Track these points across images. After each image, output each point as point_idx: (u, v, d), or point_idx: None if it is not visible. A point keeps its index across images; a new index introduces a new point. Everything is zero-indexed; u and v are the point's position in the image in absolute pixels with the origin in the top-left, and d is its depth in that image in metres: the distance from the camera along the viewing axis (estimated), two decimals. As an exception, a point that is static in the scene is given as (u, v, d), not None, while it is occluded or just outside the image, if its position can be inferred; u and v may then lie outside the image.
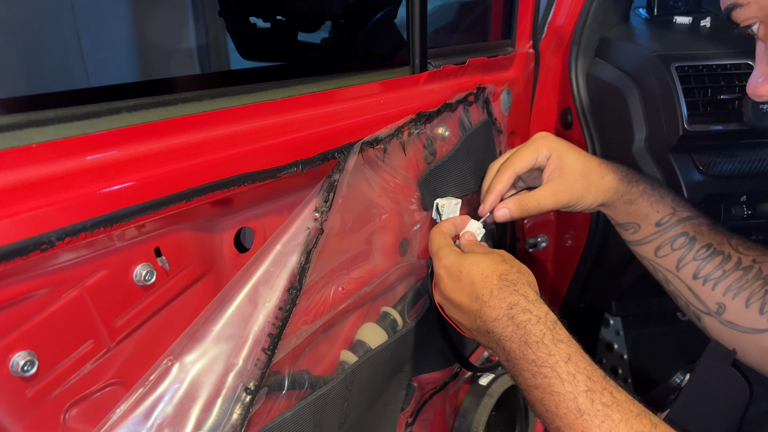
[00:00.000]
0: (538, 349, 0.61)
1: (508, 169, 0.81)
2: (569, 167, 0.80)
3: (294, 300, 0.62)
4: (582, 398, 0.57)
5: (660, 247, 0.83)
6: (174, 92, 0.56)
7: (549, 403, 0.59)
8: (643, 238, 0.85)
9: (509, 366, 0.64)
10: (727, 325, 0.78)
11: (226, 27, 1.13)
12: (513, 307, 0.63)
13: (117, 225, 0.46)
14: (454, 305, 0.69)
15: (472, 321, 0.67)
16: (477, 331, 0.68)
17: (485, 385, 1.05)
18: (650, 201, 0.83)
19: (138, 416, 0.53)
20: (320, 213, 0.65)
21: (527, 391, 0.62)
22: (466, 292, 0.67)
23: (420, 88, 0.84)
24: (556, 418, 0.58)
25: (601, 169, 0.82)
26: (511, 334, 0.63)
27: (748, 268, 0.77)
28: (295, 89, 0.67)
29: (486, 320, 0.65)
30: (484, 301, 0.65)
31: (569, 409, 0.57)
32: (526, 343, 0.61)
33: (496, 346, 0.65)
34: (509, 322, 0.63)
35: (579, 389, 0.58)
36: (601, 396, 0.58)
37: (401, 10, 0.85)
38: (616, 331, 1.32)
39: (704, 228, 0.81)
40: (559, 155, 0.80)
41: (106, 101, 0.50)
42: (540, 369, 0.60)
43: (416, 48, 0.83)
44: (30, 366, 0.45)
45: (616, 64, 1.12)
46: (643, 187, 0.83)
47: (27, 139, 0.44)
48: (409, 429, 0.97)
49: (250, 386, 0.59)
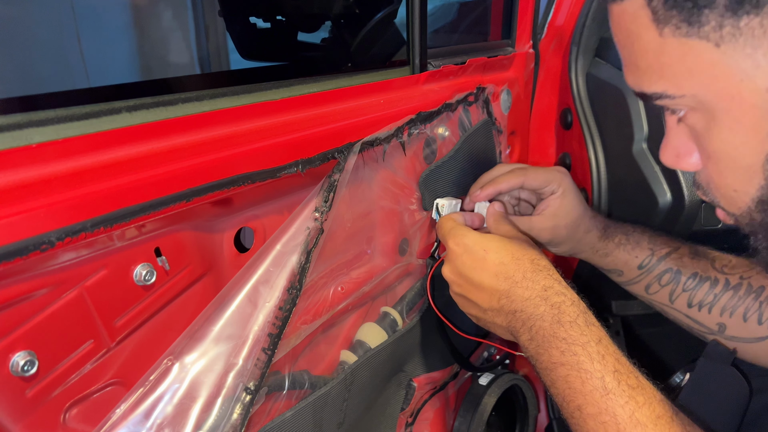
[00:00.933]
0: (571, 329, 0.62)
1: (520, 177, 0.82)
2: (565, 211, 0.82)
3: (294, 300, 0.62)
4: (609, 378, 0.58)
5: (649, 285, 0.86)
6: (174, 92, 0.56)
7: (575, 380, 0.60)
8: (629, 280, 0.87)
9: (533, 345, 0.64)
10: (731, 339, 0.80)
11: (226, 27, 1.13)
12: (547, 290, 0.65)
13: (117, 225, 0.46)
14: (472, 284, 0.69)
15: (494, 301, 0.68)
16: (496, 311, 0.68)
17: (485, 385, 1.05)
18: (626, 250, 0.85)
19: (138, 416, 0.53)
20: (320, 213, 0.65)
21: (551, 369, 0.62)
22: (493, 272, 0.68)
23: (420, 88, 0.84)
24: (579, 395, 0.59)
25: (589, 224, 0.84)
26: (543, 313, 0.64)
27: (737, 286, 0.79)
28: (295, 89, 0.67)
29: (515, 299, 0.66)
30: (516, 281, 0.66)
31: (595, 387, 0.58)
32: (558, 322, 0.63)
33: (521, 325, 0.65)
34: (542, 302, 0.64)
35: (607, 369, 0.59)
36: (628, 378, 0.59)
37: (401, 10, 0.85)
38: (616, 331, 1.32)
39: (686, 259, 0.83)
40: (564, 195, 0.82)
41: (106, 101, 0.50)
42: (570, 347, 0.61)
43: (416, 48, 0.83)
44: (30, 366, 0.45)
45: (616, 64, 1.12)
46: (618, 238, 0.85)
47: (27, 139, 0.44)
48: (409, 429, 0.97)
49: (250, 386, 0.59)
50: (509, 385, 1.07)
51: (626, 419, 0.57)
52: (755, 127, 0.46)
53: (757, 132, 0.46)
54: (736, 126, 0.47)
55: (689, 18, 0.45)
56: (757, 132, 0.46)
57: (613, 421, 0.57)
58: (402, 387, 0.92)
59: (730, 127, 0.47)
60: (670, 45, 0.47)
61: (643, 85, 0.51)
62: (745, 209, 0.51)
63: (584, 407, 0.59)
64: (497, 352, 1.15)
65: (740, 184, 0.50)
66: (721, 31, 0.44)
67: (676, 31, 0.46)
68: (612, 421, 0.57)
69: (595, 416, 0.58)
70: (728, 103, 0.46)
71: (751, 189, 0.49)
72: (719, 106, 0.47)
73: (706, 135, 0.50)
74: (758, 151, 0.47)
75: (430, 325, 0.88)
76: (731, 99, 0.46)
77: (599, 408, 0.58)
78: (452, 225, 0.75)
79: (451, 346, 0.90)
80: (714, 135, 0.49)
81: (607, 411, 0.57)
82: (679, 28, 0.46)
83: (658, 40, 0.47)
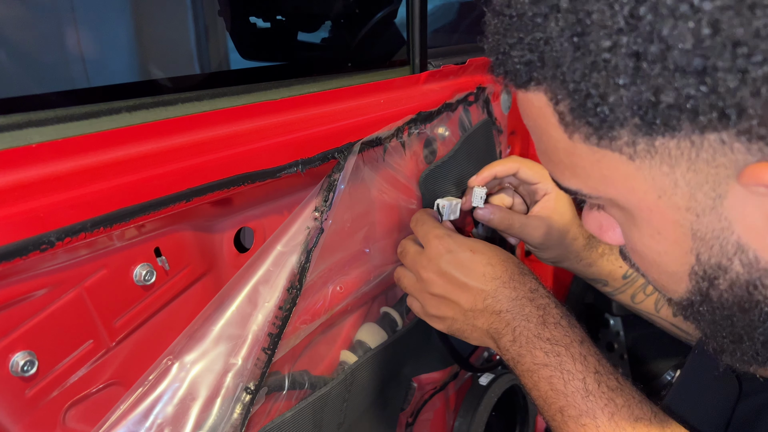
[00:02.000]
0: (555, 329, 0.63)
1: (515, 162, 0.81)
2: (556, 215, 0.81)
3: (294, 300, 0.62)
4: (590, 379, 0.59)
5: (634, 295, 0.85)
6: (174, 92, 0.56)
7: (557, 381, 0.60)
8: (615, 290, 0.86)
9: (515, 346, 0.64)
10: None
11: (226, 27, 1.13)
12: (534, 292, 0.66)
13: (117, 225, 0.46)
14: (456, 284, 0.68)
15: (478, 301, 0.67)
16: (479, 311, 0.67)
17: (485, 385, 1.05)
18: (609, 260, 0.84)
19: (138, 416, 0.53)
20: (320, 213, 0.65)
21: (534, 371, 0.62)
22: (480, 272, 0.67)
23: (420, 88, 0.84)
24: (562, 396, 0.60)
25: (576, 232, 0.83)
26: (529, 313, 0.64)
27: None
28: (295, 89, 0.67)
29: (501, 299, 0.66)
30: (504, 281, 0.66)
31: (577, 389, 0.59)
32: (543, 323, 0.63)
33: (505, 326, 0.65)
34: (529, 303, 0.65)
35: (589, 370, 0.60)
36: (608, 380, 0.59)
37: (401, 10, 0.85)
38: (616, 331, 1.32)
39: None
40: (557, 198, 0.81)
41: (106, 101, 0.50)
42: (554, 347, 0.61)
43: (416, 48, 0.83)
44: (30, 366, 0.45)
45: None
46: (602, 249, 0.84)
47: (27, 139, 0.44)
48: (409, 429, 0.97)
49: (250, 386, 0.59)
50: (509, 385, 1.07)
51: (605, 422, 0.57)
52: (678, 242, 0.43)
53: (680, 246, 0.43)
54: (658, 237, 0.44)
55: (599, 131, 0.40)
56: (680, 245, 0.43)
57: (593, 424, 0.57)
58: (402, 387, 0.92)
59: (651, 236, 0.44)
60: (581, 149, 0.42)
61: (556, 177, 0.47)
62: (678, 300, 0.48)
63: (566, 409, 0.59)
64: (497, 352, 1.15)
65: (668, 284, 0.47)
66: (634, 147, 0.39)
67: (586, 140, 0.41)
68: (592, 424, 0.57)
69: (576, 418, 0.58)
70: (648, 214, 0.43)
71: (679, 289, 0.47)
72: (639, 215, 0.44)
73: (628, 233, 0.47)
74: (682, 262, 0.44)
75: (430, 326, 0.88)
76: (650, 212, 0.43)
77: (580, 410, 0.58)
78: (433, 225, 0.72)
79: (450, 346, 0.90)
80: (636, 237, 0.46)
81: (587, 413, 0.58)
82: (589, 138, 0.41)
83: (568, 142, 0.42)
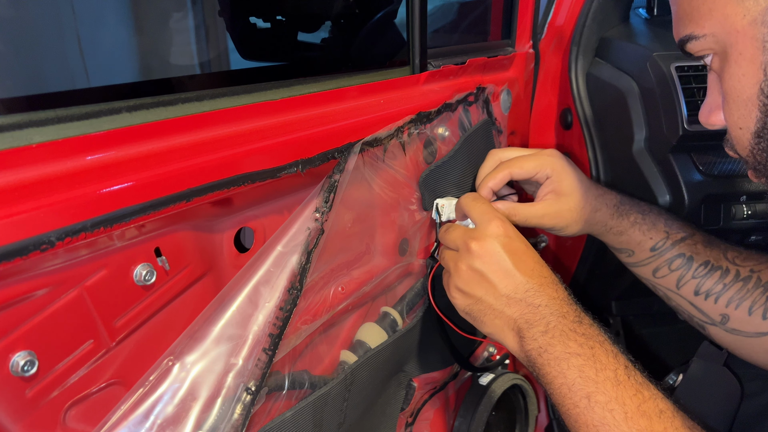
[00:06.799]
0: (590, 327, 0.67)
1: (506, 170, 0.81)
2: (564, 195, 0.81)
3: (294, 300, 0.62)
4: (621, 371, 0.63)
5: (658, 269, 0.85)
6: (174, 92, 0.56)
7: (589, 370, 0.64)
8: (639, 261, 0.86)
9: (546, 337, 0.67)
10: (731, 332, 0.80)
11: (226, 27, 1.13)
12: (570, 299, 0.70)
13: (117, 225, 0.46)
14: (504, 268, 0.69)
15: (519, 291, 0.69)
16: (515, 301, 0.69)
17: (485, 385, 1.05)
18: (642, 230, 0.84)
19: (138, 416, 0.53)
20: (320, 213, 0.65)
21: (564, 359, 0.65)
22: (530, 267, 0.70)
23: (420, 88, 0.84)
24: (591, 383, 0.63)
25: (596, 203, 0.83)
26: (566, 312, 0.68)
27: (747, 278, 0.79)
28: (295, 89, 0.67)
29: (542, 295, 0.68)
30: (549, 282, 0.70)
31: (608, 378, 0.63)
32: (579, 322, 0.67)
33: (540, 318, 0.68)
34: (566, 305, 0.69)
35: (620, 364, 0.64)
36: (635, 375, 0.64)
37: (401, 10, 0.85)
38: (616, 331, 1.32)
39: (700, 246, 0.83)
40: (559, 179, 0.81)
41: (106, 101, 0.50)
42: (588, 341, 0.65)
43: (416, 48, 0.83)
44: (30, 366, 0.45)
45: (616, 64, 1.12)
46: (634, 217, 0.84)
47: (27, 139, 0.44)
48: (409, 429, 0.97)
49: (250, 386, 0.59)
50: (509, 385, 1.07)
51: (634, 409, 0.60)
52: (753, 59, 0.54)
53: (754, 62, 0.54)
54: (740, 58, 0.55)
55: None
56: (753, 62, 0.54)
57: (621, 410, 0.61)
58: (402, 387, 0.92)
59: (736, 60, 0.55)
60: None
61: (679, 32, 0.59)
62: (749, 147, 0.57)
63: (594, 395, 0.62)
64: (497, 352, 1.15)
65: (743, 119, 0.56)
66: None
67: None
68: (620, 410, 0.61)
69: (604, 404, 0.62)
70: (734, 37, 0.54)
71: (750, 124, 0.56)
72: (729, 41, 0.55)
73: (722, 75, 0.57)
74: (755, 82, 0.54)
75: (430, 326, 0.88)
76: (737, 33, 0.54)
77: (609, 396, 0.62)
78: (492, 206, 0.75)
79: (451, 346, 0.90)
80: (725, 73, 0.57)
81: (616, 400, 0.61)
82: None
83: None
